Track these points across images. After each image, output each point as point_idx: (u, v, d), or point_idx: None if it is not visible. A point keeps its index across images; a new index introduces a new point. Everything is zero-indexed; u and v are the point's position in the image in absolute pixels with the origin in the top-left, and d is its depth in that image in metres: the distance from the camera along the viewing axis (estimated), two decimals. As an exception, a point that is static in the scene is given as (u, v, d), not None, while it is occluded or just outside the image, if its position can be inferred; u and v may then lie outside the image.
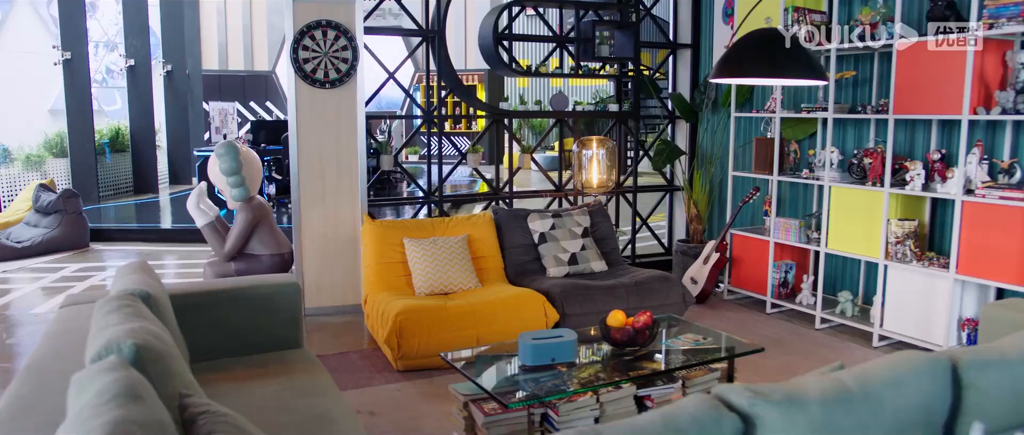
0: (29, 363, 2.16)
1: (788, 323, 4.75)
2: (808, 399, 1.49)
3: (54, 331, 2.48)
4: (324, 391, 2.67)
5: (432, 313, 3.85)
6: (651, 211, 6.29)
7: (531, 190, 5.83)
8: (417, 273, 4.33)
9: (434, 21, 5.22)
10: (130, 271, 2.76)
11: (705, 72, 5.93)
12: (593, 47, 5.61)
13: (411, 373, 3.84)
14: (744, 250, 5.22)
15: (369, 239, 4.48)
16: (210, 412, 1.75)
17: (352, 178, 4.88)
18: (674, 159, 5.82)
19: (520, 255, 4.69)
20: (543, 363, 2.84)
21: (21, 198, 7.69)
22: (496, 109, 5.60)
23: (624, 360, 2.97)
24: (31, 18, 12.93)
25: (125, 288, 2.41)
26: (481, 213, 4.84)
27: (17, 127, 10.83)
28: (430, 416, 3.32)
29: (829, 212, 4.55)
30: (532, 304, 4.07)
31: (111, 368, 1.71)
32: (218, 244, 4.75)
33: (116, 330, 1.98)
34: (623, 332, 2.97)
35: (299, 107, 4.74)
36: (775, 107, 5.00)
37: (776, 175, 4.94)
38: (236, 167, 4.64)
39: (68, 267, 6.42)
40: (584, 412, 2.72)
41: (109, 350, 1.82)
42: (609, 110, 5.89)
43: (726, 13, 5.69)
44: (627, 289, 4.31)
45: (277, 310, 3.12)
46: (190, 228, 8.52)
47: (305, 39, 4.68)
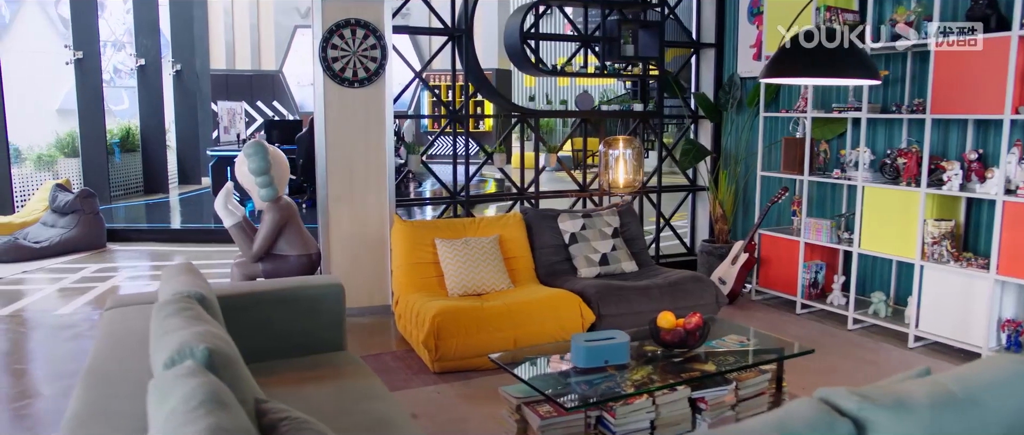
0: (90, 367, 2.12)
1: (819, 324, 4.72)
2: (916, 403, 1.46)
3: (107, 334, 2.45)
4: (377, 394, 2.63)
5: (469, 314, 3.82)
6: (674, 211, 6.27)
7: (555, 190, 5.79)
8: (449, 274, 4.29)
9: (461, 20, 5.18)
10: (178, 273, 2.72)
11: (729, 72, 5.90)
12: (618, 46, 5.58)
13: (448, 375, 3.80)
14: (772, 250, 5.19)
15: (400, 239, 4.44)
16: (291, 418, 1.72)
17: (380, 178, 4.85)
18: (701, 159, 5.79)
19: (551, 255, 4.66)
20: (596, 365, 2.81)
21: (37, 198, 7.65)
22: (522, 108, 5.57)
23: (674, 362, 2.94)
24: (39, 18, 12.88)
25: (180, 290, 2.37)
26: (511, 213, 4.81)
27: (25, 127, 10.78)
28: (474, 418, 3.29)
29: (862, 212, 4.52)
30: (568, 305, 4.04)
31: (190, 374, 1.67)
32: (246, 244, 4.71)
33: (183, 334, 1.95)
34: (674, 333, 2.94)
35: (327, 106, 4.71)
36: (805, 107, 4.97)
37: (807, 175, 4.91)
38: (265, 167, 4.60)
39: (87, 267, 6.38)
40: (640, 415, 2.69)
41: (182, 355, 1.79)
42: (633, 110, 5.85)
43: (752, 13, 5.66)
44: (661, 290, 4.28)
45: (321, 312, 3.08)
46: (203, 228, 8.51)
47: (334, 38, 4.64)
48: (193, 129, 12.36)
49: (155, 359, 1.95)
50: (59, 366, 4.08)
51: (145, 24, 11.11)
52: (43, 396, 3.63)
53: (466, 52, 5.13)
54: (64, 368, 4.05)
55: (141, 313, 2.70)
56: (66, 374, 3.92)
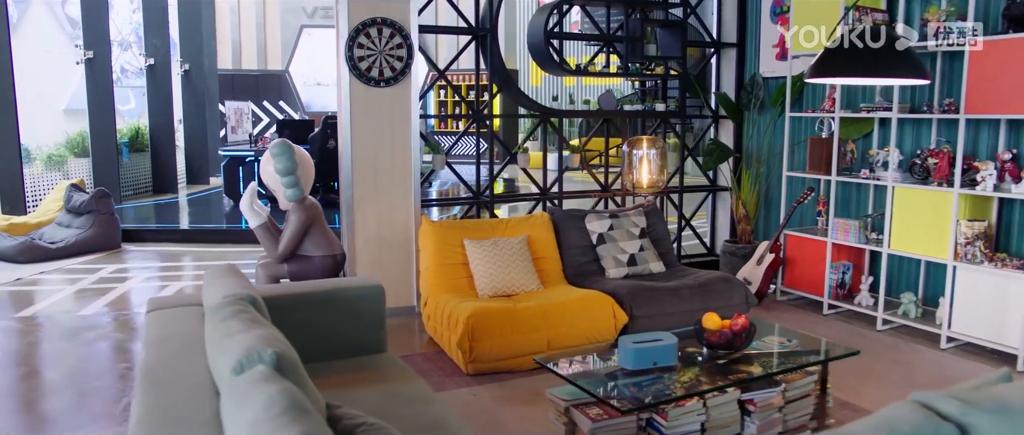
0: (146, 370, 2.08)
1: (848, 325, 4.70)
2: (1016, 408, 1.43)
3: (156, 336, 2.41)
4: (426, 397, 2.61)
5: (503, 315, 3.80)
6: (694, 211, 6.25)
7: (578, 190, 5.77)
8: (479, 275, 4.27)
9: (484, 19, 5.16)
10: (222, 275, 2.70)
11: (751, 71, 5.88)
12: (640, 46, 5.56)
13: (481, 376, 3.78)
14: (798, 251, 5.17)
15: (428, 240, 4.41)
16: (367, 424, 1.69)
17: (405, 178, 4.82)
18: (725, 159, 5.77)
19: (578, 256, 4.64)
20: (644, 367, 2.78)
21: (51, 198, 7.60)
22: (545, 108, 5.54)
23: (719, 363, 2.91)
24: (46, 18, 12.82)
25: (231, 293, 2.34)
26: (538, 213, 4.79)
27: (33, 127, 10.73)
28: (513, 421, 3.26)
29: (892, 212, 4.50)
30: (601, 306, 4.02)
31: (265, 379, 1.65)
32: (271, 245, 4.67)
33: (246, 338, 1.92)
34: (721, 335, 2.92)
35: (353, 106, 4.68)
36: (832, 106, 4.95)
37: (835, 175, 4.89)
38: (292, 167, 4.57)
39: (104, 268, 6.34)
40: (691, 417, 2.67)
41: (251, 360, 1.76)
42: (656, 110, 5.83)
43: (775, 12, 5.64)
44: (691, 290, 4.26)
45: (363, 313, 3.06)
46: (216, 228, 8.47)
47: (360, 37, 4.61)
48: (201, 129, 12.31)
49: (217, 363, 1.91)
50: (85, 367, 4.05)
51: (154, 23, 11.07)
52: (73, 397, 3.60)
53: (491, 52, 5.10)
54: (89, 369, 4.02)
55: (185, 315, 2.67)
56: (92, 375, 3.89)
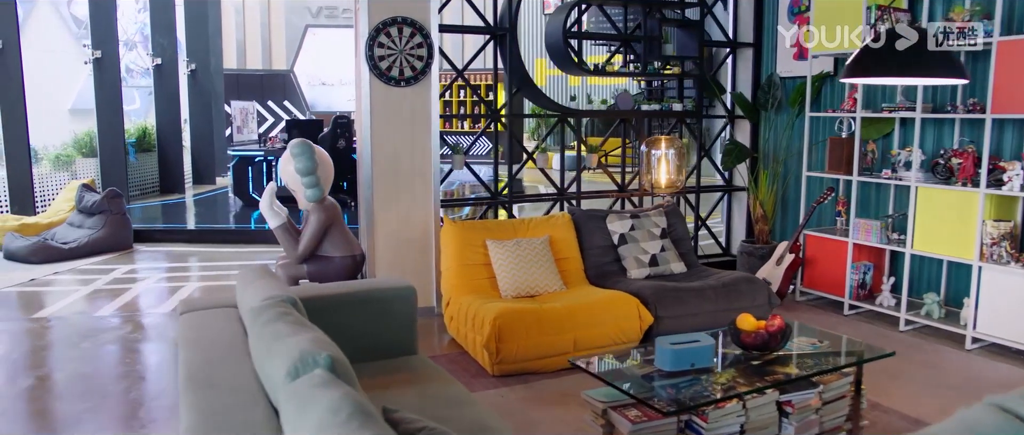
0: (190, 374, 2.06)
1: (870, 325, 4.69)
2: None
3: (193, 339, 2.38)
4: (465, 399, 2.59)
5: (529, 316, 3.78)
6: (710, 211, 6.23)
7: (595, 190, 5.75)
8: (502, 275, 4.25)
9: (503, 19, 5.14)
10: (257, 276, 2.68)
11: (767, 71, 5.86)
12: (658, 46, 5.55)
13: (508, 378, 3.76)
14: (818, 251, 5.15)
15: (450, 240, 4.39)
16: (428, 428, 1.67)
17: (425, 179, 4.80)
18: (743, 160, 5.75)
19: (600, 256, 4.62)
20: (682, 368, 2.76)
21: (63, 198, 7.57)
22: (564, 108, 5.52)
23: (754, 364, 2.89)
24: (51, 17, 12.79)
25: (272, 295, 2.32)
26: (560, 214, 4.77)
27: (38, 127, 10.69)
28: (545, 422, 3.24)
29: (915, 213, 4.49)
30: (626, 306, 4.00)
31: (325, 384, 1.63)
32: (291, 245, 4.65)
33: (297, 341, 1.90)
34: (756, 336, 2.90)
35: (373, 106, 4.66)
36: (853, 106, 4.94)
37: (856, 175, 4.87)
38: (312, 166, 4.55)
39: (118, 269, 6.31)
40: (731, 418, 2.65)
41: (306, 363, 1.74)
42: (673, 110, 5.81)
43: (793, 12, 5.62)
44: (715, 291, 4.24)
45: (394, 315, 3.04)
46: (226, 228, 8.43)
47: (380, 36, 4.59)
48: (207, 129, 12.27)
49: (268, 367, 1.89)
50: (105, 369, 4.03)
51: (162, 23, 11.03)
52: (96, 399, 3.57)
53: (509, 51, 5.08)
54: (111, 371, 4.00)
55: (220, 317, 2.65)
56: (114, 377, 3.87)
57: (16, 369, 3.95)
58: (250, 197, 9.43)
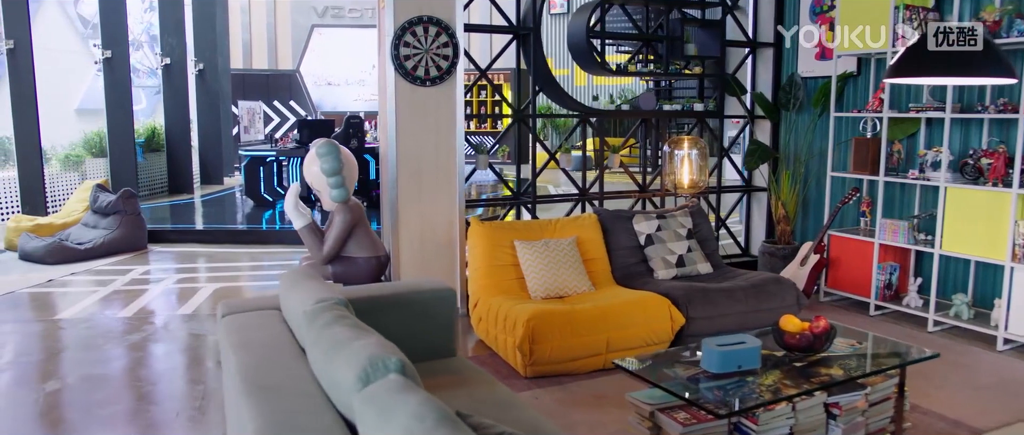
0: (247, 379, 2.02)
1: (897, 326, 4.67)
2: None
3: (242, 343, 2.35)
4: (513, 402, 2.57)
5: (562, 317, 3.75)
6: (729, 212, 6.21)
7: (616, 191, 5.73)
8: (531, 276, 4.22)
9: (526, 18, 5.12)
10: (302, 277, 2.65)
11: (788, 71, 5.85)
12: (680, 46, 5.53)
13: (540, 380, 3.73)
14: (842, 251, 5.13)
15: (478, 241, 4.37)
16: (507, 433, 1.65)
17: (450, 179, 4.77)
18: (766, 160, 5.73)
19: (627, 257, 4.60)
20: (729, 370, 2.74)
21: (76, 199, 7.54)
22: (584, 108, 5.50)
23: (798, 366, 2.87)
24: (58, 17, 12.73)
25: (325, 297, 2.30)
26: (586, 214, 4.74)
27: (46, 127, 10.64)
28: (584, 425, 3.22)
29: (944, 213, 4.47)
30: (657, 307, 3.97)
31: (403, 389, 1.61)
32: (316, 246, 4.62)
33: (362, 345, 1.88)
34: (802, 337, 2.87)
35: (399, 105, 4.63)
36: (879, 107, 4.92)
37: (883, 175, 4.85)
38: (338, 167, 4.52)
39: (135, 269, 6.28)
40: (780, 421, 2.63)
41: (377, 368, 1.73)
42: (694, 110, 5.79)
43: (815, 11, 5.60)
44: (744, 292, 4.22)
45: (435, 316, 3.01)
46: (239, 229, 8.39)
47: (406, 36, 4.56)
48: (215, 129, 12.24)
49: (332, 371, 1.86)
50: (135, 371, 4.00)
51: (171, 23, 11.00)
52: (133, 402, 3.55)
53: (533, 51, 5.06)
54: (140, 373, 3.97)
55: (265, 319, 2.62)
56: (144, 379, 3.84)
57: (43, 371, 3.92)
58: (261, 197, 9.41)
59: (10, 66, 8.07)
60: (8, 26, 7.97)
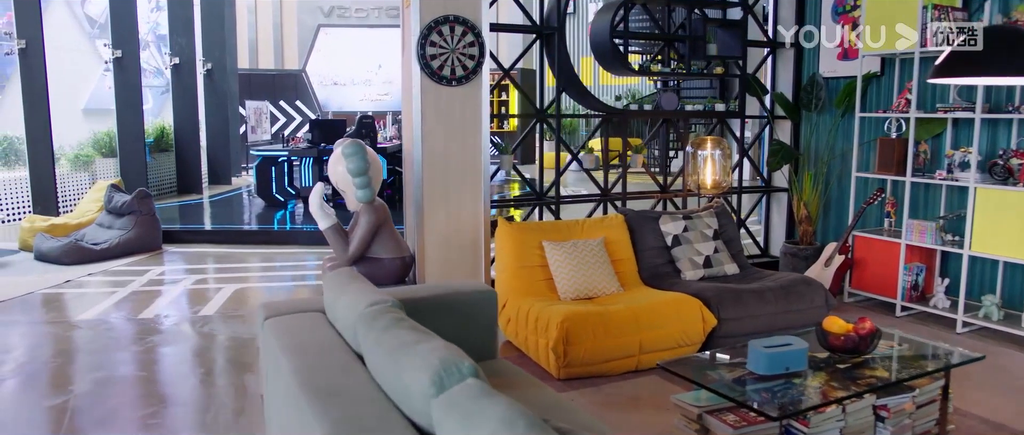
0: (308, 383, 1.99)
1: (925, 327, 4.65)
2: None
3: (293, 346, 2.32)
4: (562, 404, 2.55)
5: (596, 318, 3.73)
6: (749, 213, 6.20)
7: (637, 191, 5.70)
8: (560, 277, 4.20)
9: (549, 18, 5.09)
10: (347, 279, 2.62)
11: (809, 71, 5.83)
12: (702, 46, 5.51)
13: (574, 381, 3.71)
14: (867, 252, 5.12)
15: (506, 242, 4.34)
16: (585, 435, 1.62)
17: (475, 180, 4.74)
18: (790, 160, 5.71)
19: (654, 258, 4.58)
20: (776, 372, 2.72)
21: (90, 199, 7.51)
22: (607, 108, 5.48)
23: (842, 368, 2.85)
24: (65, 16, 12.68)
25: (376, 299, 2.27)
26: (613, 215, 4.72)
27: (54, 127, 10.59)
28: (624, 427, 3.20)
29: (974, 214, 4.45)
30: (689, 309, 3.95)
31: (484, 393, 1.59)
32: (342, 247, 4.60)
33: (429, 348, 1.85)
34: (847, 339, 2.86)
35: (424, 106, 4.60)
36: (905, 107, 4.90)
37: (909, 176, 4.83)
38: (365, 167, 4.50)
39: (152, 270, 6.25)
40: (830, 423, 2.61)
41: (451, 373, 1.70)
42: (715, 110, 5.78)
43: (837, 11, 5.59)
44: (775, 293, 4.20)
45: (476, 318, 2.99)
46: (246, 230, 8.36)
47: (432, 35, 4.53)
48: (223, 129, 12.20)
49: (400, 375, 1.82)
50: (165, 373, 3.98)
51: (180, 22, 10.96)
52: (164, 404, 3.52)
53: (558, 51, 5.04)
54: (170, 374, 3.94)
55: (310, 322, 2.60)
56: (175, 380, 3.81)
57: (70, 373, 3.90)
58: (273, 198, 9.37)
59: (22, 66, 8.04)
60: (20, 26, 7.93)
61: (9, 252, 6.81)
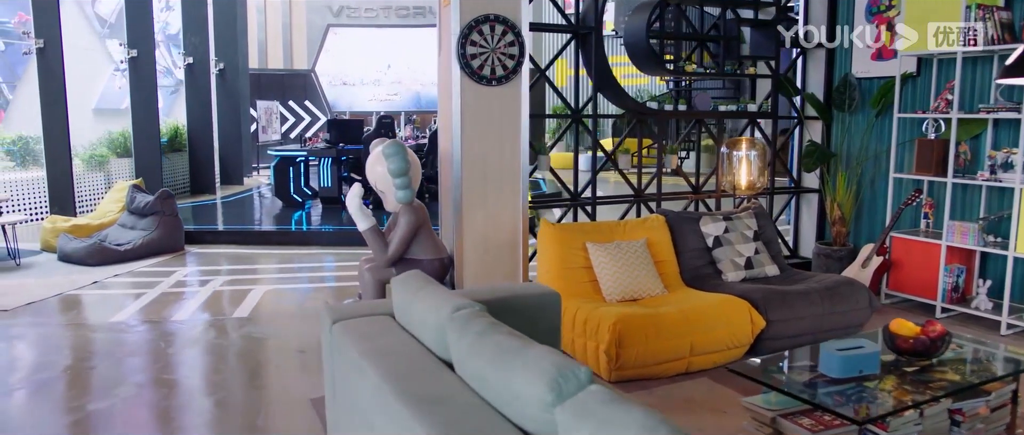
0: (401, 389, 1.96)
1: (967, 329, 4.61)
2: None
3: (373, 350, 2.27)
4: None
5: (647, 321, 3.70)
6: (779, 214, 6.17)
7: (670, 192, 5.67)
8: (604, 278, 4.17)
9: (585, 17, 5.06)
10: (418, 282, 2.58)
11: (841, 72, 5.80)
12: (735, 46, 5.48)
13: (626, 384, 3.67)
14: (904, 253, 5.09)
15: (549, 243, 4.31)
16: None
17: (514, 180, 4.70)
18: (825, 161, 5.68)
19: (694, 259, 4.55)
20: (850, 375, 2.69)
21: (111, 199, 7.45)
22: (640, 107, 5.45)
23: (910, 371, 2.82)
24: (76, 16, 12.60)
25: (458, 303, 2.24)
26: (653, 216, 4.69)
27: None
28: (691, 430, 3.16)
29: (1019, 215, 4.43)
30: (738, 310, 3.92)
31: (614, 400, 1.57)
32: (380, 248, 4.55)
33: (537, 354, 1.84)
34: (917, 342, 2.82)
35: (464, 106, 4.56)
36: (945, 107, 4.88)
37: (951, 177, 4.81)
38: (406, 167, 4.46)
39: (177, 271, 6.20)
40: (908, 427, 2.59)
41: (568, 380, 1.67)
42: (747, 110, 5.75)
43: (871, 11, 5.56)
44: (820, 294, 4.17)
45: (541, 320, 2.95)
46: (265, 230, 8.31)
47: (473, 34, 4.49)
48: (235, 129, 12.15)
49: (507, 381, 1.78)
50: (206, 376, 3.94)
51: (194, 22, 10.90)
52: (220, 407, 3.48)
53: (595, 50, 5.00)
54: (211, 378, 3.90)
55: (383, 326, 2.56)
56: (216, 384, 3.77)
57: (110, 376, 3.85)
58: (291, 198, 9.33)
59: (40, 66, 7.98)
60: (38, 26, 7.88)
61: (32, 253, 6.76)
